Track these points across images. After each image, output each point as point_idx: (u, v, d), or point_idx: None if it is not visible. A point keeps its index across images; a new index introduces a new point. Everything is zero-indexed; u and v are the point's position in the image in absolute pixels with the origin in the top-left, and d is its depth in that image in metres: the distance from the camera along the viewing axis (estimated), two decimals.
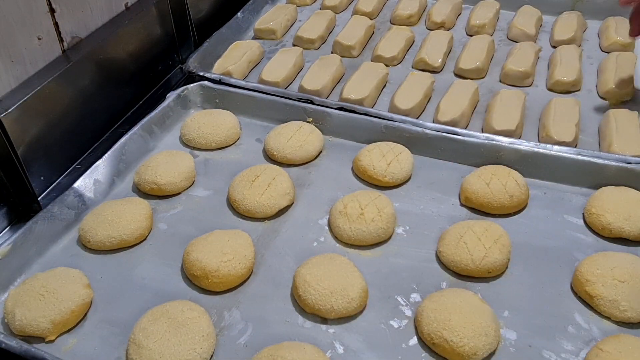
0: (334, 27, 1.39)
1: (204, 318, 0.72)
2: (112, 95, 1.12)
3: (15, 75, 0.93)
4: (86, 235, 0.84)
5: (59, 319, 0.72)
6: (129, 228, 0.84)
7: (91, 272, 0.81)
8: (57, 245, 0.85)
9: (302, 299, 0.75)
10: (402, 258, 0.84)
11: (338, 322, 0.75)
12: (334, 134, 1.05)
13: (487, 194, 0.88)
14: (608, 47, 1.27)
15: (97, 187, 0.93)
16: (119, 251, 0.85)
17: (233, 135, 1.05)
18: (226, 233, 0.83)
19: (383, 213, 0.85)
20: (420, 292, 0.79)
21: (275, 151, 0.99)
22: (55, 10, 0.97)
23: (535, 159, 0.94)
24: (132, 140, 1.00)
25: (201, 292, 0.79)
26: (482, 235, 0.81)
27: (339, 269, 0.77)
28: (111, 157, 0.96)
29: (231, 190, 0.91)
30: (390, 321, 0.75)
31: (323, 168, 1.00)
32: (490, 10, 1.38)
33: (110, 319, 0.76)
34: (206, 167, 1.00)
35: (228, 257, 0.78)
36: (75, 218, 0.88)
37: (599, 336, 0.73)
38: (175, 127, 1.08)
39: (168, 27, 1.26)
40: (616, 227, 0.84)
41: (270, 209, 0.89)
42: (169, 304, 0.74)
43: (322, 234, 0.87)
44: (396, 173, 0.94)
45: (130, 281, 0.81)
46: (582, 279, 0.77)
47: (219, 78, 1.13)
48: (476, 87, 1.12)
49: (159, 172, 0.92)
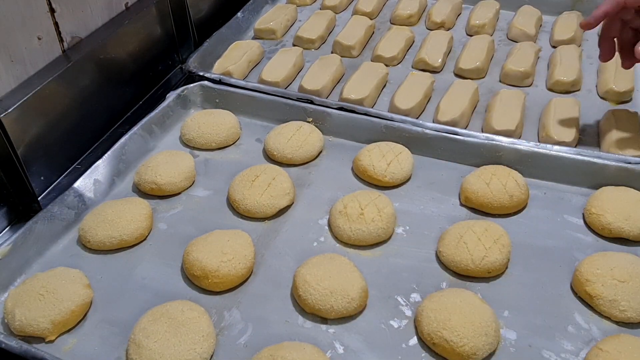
0: (334, 27, 1.39)
1: (204, 318, 0.72)
2: (112, 95, 1.11)
3: (15, 75, 0.93)
4: (86, 235, 0.84)
5: (59, 319, 0.72)
6: (129, 228, 0.84)
7: (91, 272, 0.81)
8: (57, 245, 0.85)
9: (302, 299, 0.75)
10: (402, 258, 0.84)
11: (338, 322, 0.75)
12: (334, 134, 1.05)
13: (487, 194, 0.88)
14: None
15: (97, 187, 0.93)
16: (119, 251, 0.85)
17: (233, 135, 1.05)
18: (226, 233, 0.83)
19: (383, 213, 0.85)
20: (420, 292, 0.79)
21: (275, 151, 0.99)
22: (55, 10, 0.97)
23: (535, 159, 0.94)
24: (132, 140, 1.00)
25: (201, 292, 0.79)
26: (482, 235, 0.81)
27: (339, 269, 0.77)
28: (111, 157, 0.96)
29: (231, 190, 0.91)
30: (390, 321, 0.75)
31: (323, 168, 1.00)
32: (490, 10, 1.38)
33: (110, 319, 0.76)
34: (206, 167, 1.00)
35: (228, 257, 0.78)
36: (75, 218, 0.88)
37: (598, 336, 0.73)
38: (175, 127, 1.08)
39: (168, 27, 1.25)
40: (616, 227, 0.84)
41: (270, 209, 0.89)
42: (169, 304, 0.74)
43: (322, 234, 0.87)
44: (396, 173, 0.94)
45: (130, 281, 0.81)
46: (582, 279, 0.77)
47: (219, 78, 1.13)
48: (476, 87, 1.12)
49: (159, 172, 0.92)
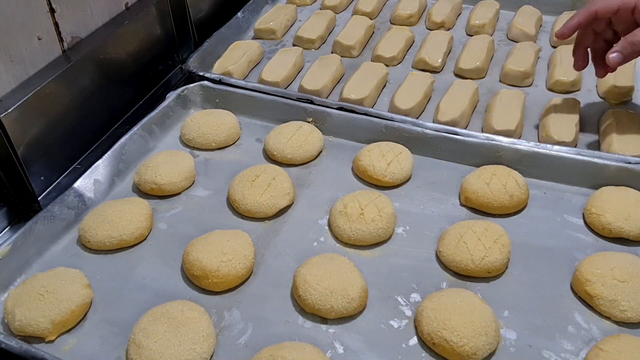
0: (334, 27, 1.39)
1: (204, 318, 0.72)
2: (112, 95, 1.11)
3: (15, 75, 0.93)
4: (86, 235, 0.84)
5: (59, 319, 0.72)
6: (129, 228, 0.84)
7: (91, 272, 0.81)
8: (57, 245, 0.85)
9: (302, 299, 0.75)
10: (402, 258, 0.84)
11: (338, 322, 0.75)
12: (334, 133, 1.05)
13: (487, 193, 0.88)
14: None
15: (97, 187, 0.93)
16: (119, 251, 0.85)
17: (233, 135, 1.05)
18: (226, 233, 0.83)
19: (383, 213, 0.85)
20: (420, 292, 0.79)
21: (275, 151, 0.99)
22: (55, 10, 0.97)
23: (535, 159, 0.94)
24: (132, 140, 0.99)
25: (201, 292, 0.79)
26: (482, 235, 0.81)
27: (339, 269, 0.77)
28: (111, 157, 0.96)
29: (231, 190, 0.91)
30: (390, 321, 0.75)
31: (323, 168, 1.00)
32: (490, 10, 1.38)
33: (110, 319, 0.76)
34: (206, 167, 1.00)
35: (228, 257, 0.78)
36: (75, 218, 0.88)
37: (598, 336, 0.73)
38: (175, 127, 1.08)
39: (168, 27, 1.25)
40: (616, 227, 0.84)
41: (271, 209, 0.89)
42: (169, 304, 0.74)
43: (322, 234, 0.87)
44: (396, 173, 0.94)
45: (130, 281, 0.81)
46: (582, 279, 0.77)
47: (219, 78, 1.13)
48: (476, 87, 1.12)
49: (159, 172, 0.92)
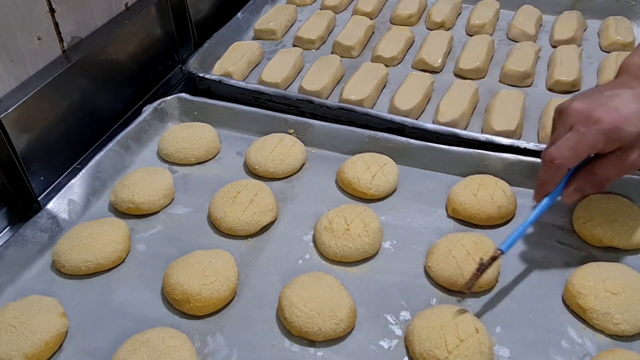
0: (334, 27, 1.38)
1: (186, 346, 0.69)
2: (112, 95, 1.11)
3: (15, 75, 0.92)
4: (60, 259, 0.80)
5: (32, 352, 0.69)
6: (105, 251, 0.80)
7: (66, 298, 0.77)
8: (30, 271, 0.81)
9: (288, 322, 0.73)
10: (390, 274, 0.81)
11: (326, 345, 0.72)
12: (317, 145, 1.02)
13: (475, 205, 0.86)
14: (608, 47, 1.26)
15: (72, 207, 0.89)
16: (96, 275, 0.81)
17: (213, 149, 1.01)
18: (208, 253, 0.80)
19: (369, 228, 0.83)
20: (410, 310, 0.76)
21: (257, 165, 0.96)
22: (55, 10, 0.96)
23: (521, 167, 0.93)
24: (108, 157, 0.96)
25: (183, 317, 0.76)
26: (471, 249, 0.79)
27: (326, 288, 0.75)
28: (86, 176, 0.92)
29: (212, 207, 0.88)
30: (380, 341, 0.73)
31: (306, 181, 0.97)
32: (490, 10, 1.37)
33: (87, 349, 0.72)
34: (185, 183, 0.97)
35: (210, 279, 0.75)
36: (48, 241, 0.84)
37: (593, 350, 0.71)
38: (152, 141, 1.05)
39: (168, 27, 1.25)
40: (606, 236, 0.83)
41: (253, 227, 0.86)
42: (149, 331, 0.70)
43: (307, 250, 0.85)
44: (381, 185, 0.92)
45: (108, 307, 0.77)
46: (573, 292, 0.75)
47: (219, 79, 1.12)
48: (476, 88, 1.11)
49: (136, 191, 0.89)
